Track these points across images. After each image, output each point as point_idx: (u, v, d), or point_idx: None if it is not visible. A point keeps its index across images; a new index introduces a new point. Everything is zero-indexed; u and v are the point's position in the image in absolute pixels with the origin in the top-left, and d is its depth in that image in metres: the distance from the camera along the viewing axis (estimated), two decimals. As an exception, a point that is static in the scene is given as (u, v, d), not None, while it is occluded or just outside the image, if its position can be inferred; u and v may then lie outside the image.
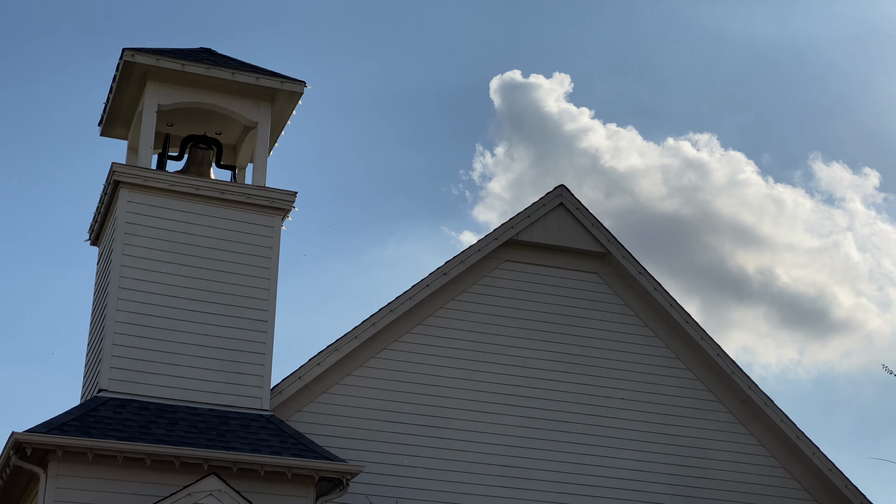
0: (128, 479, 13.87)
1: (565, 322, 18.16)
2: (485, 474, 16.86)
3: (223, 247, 15.89)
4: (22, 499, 15.30)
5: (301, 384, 16.28)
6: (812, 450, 18.28)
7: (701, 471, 17.96)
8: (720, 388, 18.53)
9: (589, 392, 17.84)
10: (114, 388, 14.81)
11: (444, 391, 17.11)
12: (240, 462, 14.16)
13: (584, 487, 17.24)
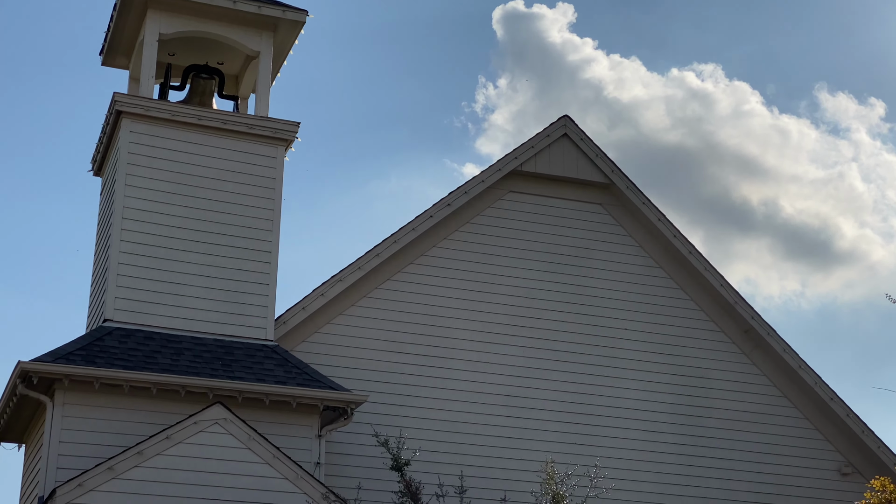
0: (134, 408, 13.96)
1: (569, 253, 18.17)
2: (488, 404, 16.95)
3: (226, 177, 15.85)
4: (29, 427, 15.40)
5: (305, 315, 16.32)
6: (814, 379, 18.37)
7: (703, 400, 18.06)
8: (723, 318, 18.58)
9: (592, 322, 17.89)
10: (119, 318, 14.85)
11: (447, 322, 17.16)
12: (245, 391, 14.23)
13: (587, 417, 17.34)
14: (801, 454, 18.27)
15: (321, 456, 14.60)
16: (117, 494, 12.86)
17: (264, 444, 13.60)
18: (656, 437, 17.58)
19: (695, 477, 17.53)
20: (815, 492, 18.06)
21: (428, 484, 12.36)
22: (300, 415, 14.62)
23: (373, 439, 13.26)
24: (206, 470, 13.30)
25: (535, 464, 14.35)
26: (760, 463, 17.99)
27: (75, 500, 12.67)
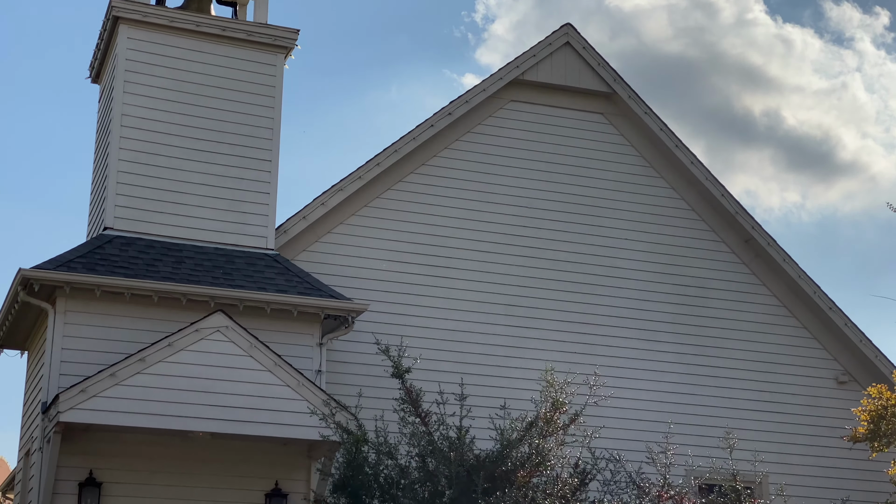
0: (135, 316, 14.02)
1: (570, 163, 18.12)
2: (489, 313, 17.03)
3: (226, 85, 15.74)
4: (31, 335, 15.49)
5: (306, 224, 16.33)
6: (813, 289, 18.43)
7: (703, 310, 18.15)
8: (724, 228, 18.59)
9: (593, 232, 17.91)
10: (119, 226, 14.85)
11: (448, 231, 17.17)
12: (246, 300, 14.28)
13: (586, 326, 17.43)
14: (799, 363, 18.42)
15: (322, 364, 14.69)
16: (120, 400, 12.96)
17: (266, 352, 13.68)
18: (655, 346, 17.70)
19: (693, 385, 17.69)
20: (812, 400, 18.24)
21: (428, 392, 12.42)
22: (301, 323, 14.69)
23: (373, 347, 13.32)
24: (208, 377, 13.39)
25: (534, 372, 14.41)
26: (758, 372, 18.13)
27: (78, 405, 12.77)
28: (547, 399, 12.28)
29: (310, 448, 14.29)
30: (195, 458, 14.04)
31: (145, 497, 13.74)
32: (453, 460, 11.76)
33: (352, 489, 11.93)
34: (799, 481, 17.09)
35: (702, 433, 16.87)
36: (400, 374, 12.24)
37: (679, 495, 12.25)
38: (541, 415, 12.18)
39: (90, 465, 13.57)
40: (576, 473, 12.44)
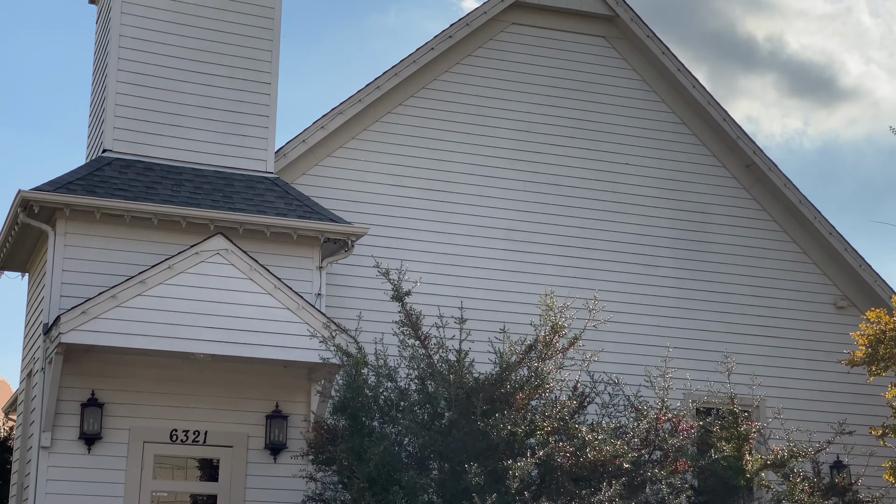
0: (135, 238, 14.01)
1: (571, 87, 18.01)
2: (489, 237, 17.02)
3: (225, 6, 15.57)
4: (32, 257, 15.51)
5: (305, 147, 16.26)
6: (814, 214, 18.42)
7: (703, 235, 18.15)
8: (725, 153, 18.53)
9: (594, 157, 17.85)
10: (118, 148, 14.79)
11: (449, 155, 17.11)
12: (246, 223, 14.26)
13: (587, 251, 17.44)
14: (799, 288, 18.46)
15: (322, 287, 14.71)
16: (120, 322, 13.00)
17: (265, 275, 13.69)
18: (655, 270, 17.73)
19: (692, 310, 17.74)
20: (810, 325, 18.32)
21: (428, 316, 12.47)
22: (301, 247, 14.68)
23: (373, 271, 13.34)
24: (208, 299, 13.41)
25: (534, 296, 14.45)
26: (757, 297, 18.18)
27: (79, 326, 12.81)
28: (546, 322, 12.33)
29: (310, 370, 14.37)
30: (196, 379, 14.12)
31: (147, 417, 13.85)
32: (452, 383, 11.84)
33: (352, 411, 12.03)
34: (796, 405, 17.22)
35: (700, 357, 16.95)
36: (399, 296, 12.28)
37: (677, 418, 12.35)
38: (540, 338, 12.24)
39: (92, 386, 13.66)
40: (574, 396, 12.54)
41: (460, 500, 11.29)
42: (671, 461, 11.88)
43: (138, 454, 13.73)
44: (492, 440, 11.52)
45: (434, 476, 11.72)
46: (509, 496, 11.03)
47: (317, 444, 12.52)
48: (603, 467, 11.37)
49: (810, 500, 12.89)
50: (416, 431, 11.72)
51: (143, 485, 13.72)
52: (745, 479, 12.83)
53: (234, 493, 14.02)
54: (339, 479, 12.34)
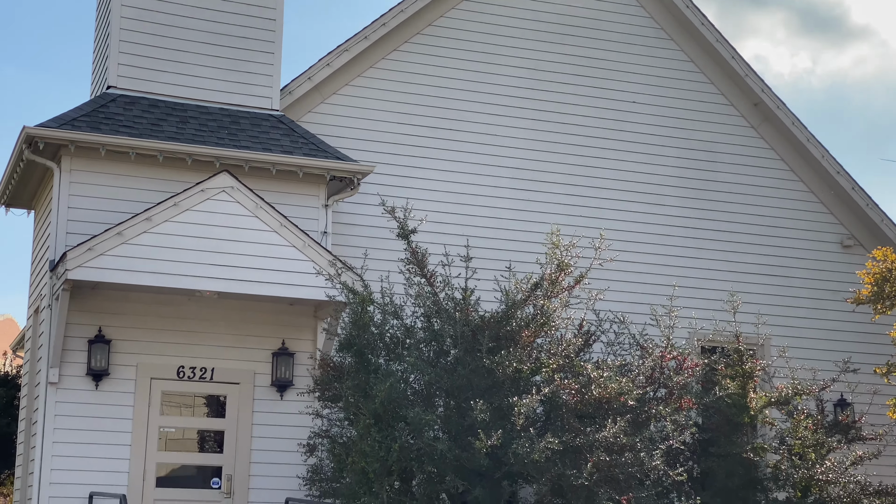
0: (140, 176, 13.99)
1: (578, 24, 17.86)
2: (495, 176, 16.98)
3: (228, -59, 15.43)
4: (37, 194, 15.51)
5: (311, 85, 16.17)
6: (821, 152, 18.34)
7: (710, 174, 18.10)
8: (733, 91, 18.41)
9: (601, 95, 17.74)
10: (122, 85, 14.70)
11: (455, 93, 17.01)
12: (251, 161, 14.22)
13: (593, 189, 17.39)
14: (805, 227, 18.44)
15: (328, 226, 14.70)
16: (126, 259, 13.01)
17: (271, 213, 13.68)
18: (662, 209, 17.69)
19: (698, 249, 17.73)
20: (816, 264, 18.31)
21: (434, 254, 12.47)
22: (306, 185, 14.65)
23: (379, 210, 13.31)
24: (214, 237, 13.41)
25: (540, 235, 14.44)
26: (764, 236, 18.16)
27: (85, 263, 12.83)
28: (552, 261, 12.32)
29: (316, 308, 14.40)
30: (203, 317, 14.17)
31: (154, 354, 13.91)
32: (458, 320, 11.86)
33: (357, 348, 12.07)
34: (801, 343, 17.26)
35: (706, 296, 16.97)
36: (405, 234, 12.26)
37: (682, 356, 12.38)
38: (546, 276, 12.24)
39: (99, 323, 13.70)
40: (580, 334, 12.57)
41: (465, 436, 11.35)
42: (676, 398, 11.92)
43: (146, 390, 13.82)
44: (497, 377, 11.56)
45: (440, 413, 11.77)
46: (514, 433, 11.09)
47: (323, 381, 12.58)
48: (608, 404, 11.41)
49: (814, 438, 12.96)
50: (421, 368, 11.76)
51: (151, 420, 13.82)
52: (749, 416, 12.88)
53: (241, 430, 14.12)
54: (345, 416, 12.41)
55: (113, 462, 13.53)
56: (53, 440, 13.31)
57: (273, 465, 14.06)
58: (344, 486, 12.27)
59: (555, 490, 11.56)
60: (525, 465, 11.00)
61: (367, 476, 11.52)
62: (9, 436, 19.42)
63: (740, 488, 12.97)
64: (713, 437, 13.19)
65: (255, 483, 14.03)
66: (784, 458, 12.98)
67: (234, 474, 14.01)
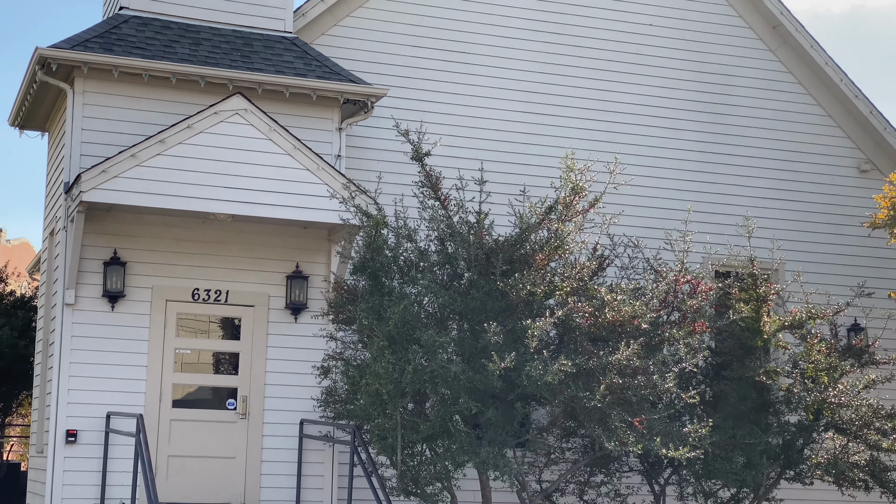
0: (153, 98, 13.93)
1: (594, -56, 17.62)
2: (510, 99, 16.86)
3: None
4: (51, 116, 15.48)
5: (324, 6, 16.02)
6: (840, 76, 18.16)
7: (727, 98, 17.95)
8: (751, 13, 18.19)
9: (616, 17, 17.55)
10: (134, 6, 14.59)
11: (469, 15, 16.84)
12: (265, 83, 14.14)
13: (608, 114, 17.28)
14: (822, 151, 18.31)
15: (341, 149, 14.66)
16: (140, 181, 13.00)
17: (285, 136, 13.63)
18: (677, 133, 17.58)
19: (714, 173, 17.65)
20: (833, 188, 18.22)
21: (447, 178, 12.42)
22: (320, 108, 14.58)
23: (392, 133, 13.25)
24: (228, 160, 13.38)
25: (555, 159, 14.36)
26: (780, 160, 18.05)
27: (100, 185, 12.83)
28: (566, 184, 12.27)
29: (330, 231, 14.41)
30: (217, 240, 14.20)
31: (169, 277, 13.97)
32: (472, 243, 11.86)
33: (371, 271, 12.09)
34: (816, 268, 17.23)
35: (721, 221, 16.92)
36: (419, 156, 12.22)
37: (696, 280, 12.37)
38: (560, 199, 12.20)
39: (114, 245, 13.75)
40: (594, 258, 12.56)
41: (479, 358, 11.41)
42: (689, 322, 11.93)
43: (161, 312, 13.90)
44: (511, 300, 11.59)
45: (453, 335, 11.82)
46: (527, 355, 11.13)
47: (337, 304, 12.63)
48: (621, 327, 11.43)
49: (827, 361, 12.98)
50: (435, 291, 11.78)
51: (167, 342, 13.92)
52: (762, 340, 12.90)
53: (255, 352, 14.21)
54: (359, 338, 12.48)
55: (130, 383, 13.66)
56: (70, 361, 13.43)
57: (288, 387, 14.18)
58: (358, 408, 12.37)
59: (567, 412, 11.64)
60: (538, 387, 11.06)
61: (380, 398, 11.61)
62: (26, 358, 19.60)
63: (752, 411, 13.04)
64: (726, 361, 13.24)
65: (270, 405, 14.16)
66: (797, 382, 13.02)
67: (250, 396, 14.13)
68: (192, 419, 13.99)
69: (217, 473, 13.92)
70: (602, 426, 11.19)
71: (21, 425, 25.35)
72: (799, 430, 13.15)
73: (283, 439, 14.08)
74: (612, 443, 11.04)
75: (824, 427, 13.12)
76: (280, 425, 14.10)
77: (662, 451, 11.02)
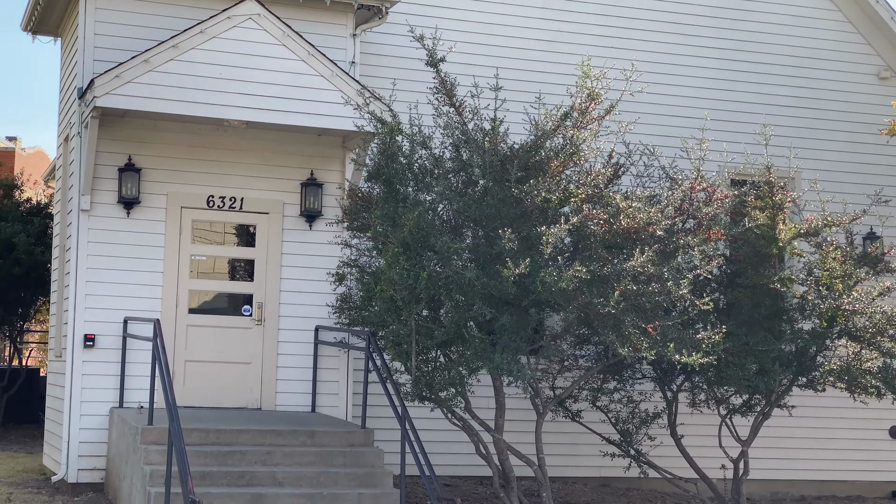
0: (166, 2, 13.81)
1: None
2: (525, 5, 16.70)
3: None
4: (63, 20, 15.38)
5: (336, -86, 15.75)
6: (860, -23, 17.90)
7: (745, 2, 17.72)
8: (771, -86, 17.89)
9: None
10: None
11: (484, -80, 16.58)
12: (278, -12, 13.99)
13: (625, 20, 17.08)
14: (841, 58, 18.07)
15: (356, 55, 14.54)
16: (153, 87, 12.94)
17: (299, 41, 13.51)
18: (695, 40, 17.36)
19: (731, 81, 17.47)
20: (851, 96, 18.01)
21: (462, 86, 12.33)
22: (334, 13, 14.44)
23: (407, 40, 13.11)
24: (241, 65, 13.29)
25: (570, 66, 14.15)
26: (798, 67, 17.83)
27: (113, 90, 12.77)
28: (582, 90, 12.17)
29: (344, 139, 14.36)
30: (231, 147, 14.18)
31: (183, 183, 13.98)
32: (487, 150, 11.81)
33: (386, 178, 12.07)
34: (832, 177, 17.12)
35: (738, 129, 16.78)
36: (434, 62, 12.12)
37: (711, 187, 12.31)
38: (576, 106, 12.11)
39: (128, 152, 13.74)
40: (609, 165, 12.50)
41: (493, 265, 11.43)
42: (704, 229, 11.90)
43: (176, 219, 13.94)
44: (525, 207, 11.57)
45: (468, 242, 11.83)
46: (542, 261, 11.14)
47: (351, 211, 12.64)
48: (636, 234, 11.41)
49: (842, 269, 12.97)
50: (450, 198, 11.77)
51: (182, 249, 13.98)
52: (777, 247, 12.88)
53: (270, 259, 14.27)
54: (374, 245, 12.50)
55: (146, 289, 13.75)
56: (87, 266, 13.50)
57: (303, 294, 14.25)
58: (372, 314, 12.44)
59: (581, 319, 11.68)
60: (552, 293, 11.09)
61: (395, 304, 11.66)
62: (43, 264, 19.71)
63: (766, 319, 13.08)
64: (740, 269, 13.24)
65: (286, 311, 14.25)
66: (811, 290, 13.03)
67: (265, 302, 14.22)
68: (209, 325, 14.11)
69: (233, 378, 14.07)
70: (616, 332, 11.24)
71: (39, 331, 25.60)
72: (812, 337, 13.18)
73: (298, 345, 14.20)
74: (625, 349, 11.10)
75: (838, 334, 13.16)
76: (295, 331, 14.21)
77: (675, 356, 11.07)
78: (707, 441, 14.46)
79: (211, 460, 11.65)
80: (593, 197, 11.72)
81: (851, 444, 17.33)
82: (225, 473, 11.45)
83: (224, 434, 12.04)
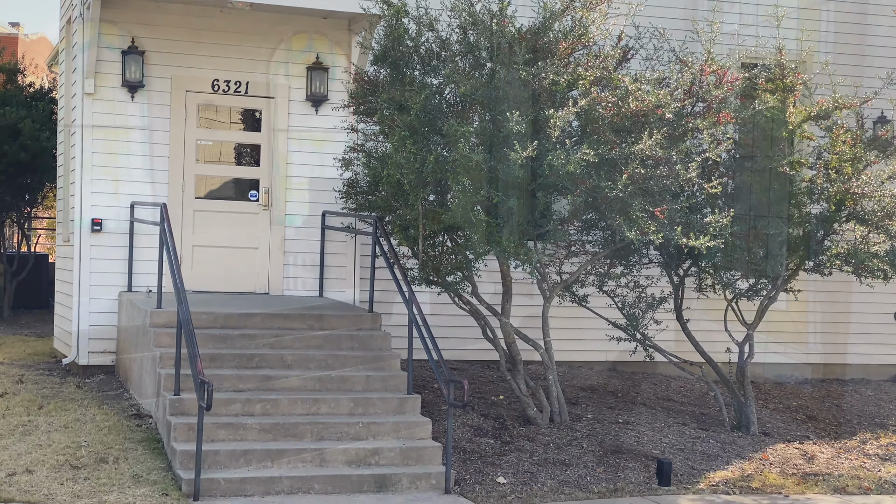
0: None
1: None
2: None
3: None
4: None
5: None
6: None
7: None
8: None
9: None
10: None
11: None
12: None
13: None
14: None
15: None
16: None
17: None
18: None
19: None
20: None
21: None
22: None
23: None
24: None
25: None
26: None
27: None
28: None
29: (350, 22, 14.17)
30: (236, 30, 14.01)
31: (188, 67, 13.85)
32: (495, 32, 11.65)
33: (392, 61, 11.93)
34: (844, 59, 16.79)
35: (749, 11, 16.50)
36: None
37: (722, 70, 12.15)
38: (585, -14, 11.89)
39: (132, 34, 13.59)
40: (618, 48, 12.32)
41: (501, 148, 11.34)
42: (714, 113, 11.78)
43: (181, 103, 13.84)
44: (533, 90, 11.45)
45: (475, 126, 11.73)
46: (550, 145, 11.06)
47: (358, 95, 12.52)
48: (645, 117, 11.30)
49: (851, 152, 12.86)
50: (457, 81, 11.64)
51: (188, 133, 13.91)
52: (787, 131, 12.76)
53: (276, 144, 14.19)
54: (380, 130, 12.41)
55: (152, 173, 13.73)
56: (93, 150, 13.46)
57: (309, 179, 14.22)
58: (379, 199, 12.41)
59: (588, 203, 11.64)
60: (560, 176, 11.03)
61: (402, 188, 11.62)
62: (49, 150, 19.63)
63: (774, 203, 13.01)
64: (750, 153, 13.13)
65: (292, 196, 14.23)
66: (820, 173, 12.94)
67: (272, 188, 14.19)
68: (216, 210, 14.10)
69: (241, 263, 14.12)
70: (623, 216, 11.21)
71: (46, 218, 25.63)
72: (820, 221, 13.14)
73: (305, 230, 14.21)
74: (632, 232, 11.08)
75: (846, 218, 13.10)
76: (302, 217, 14.21)
77: (683, 240, 11.05)
78: (713, 325, 14.52)
79: (220, 343, 11.74)
80: (602, 80, 11.59)
81: (856, 329, 17.44)
82: (234, 356, 11.55)
83: (232, 318, 12.12)
